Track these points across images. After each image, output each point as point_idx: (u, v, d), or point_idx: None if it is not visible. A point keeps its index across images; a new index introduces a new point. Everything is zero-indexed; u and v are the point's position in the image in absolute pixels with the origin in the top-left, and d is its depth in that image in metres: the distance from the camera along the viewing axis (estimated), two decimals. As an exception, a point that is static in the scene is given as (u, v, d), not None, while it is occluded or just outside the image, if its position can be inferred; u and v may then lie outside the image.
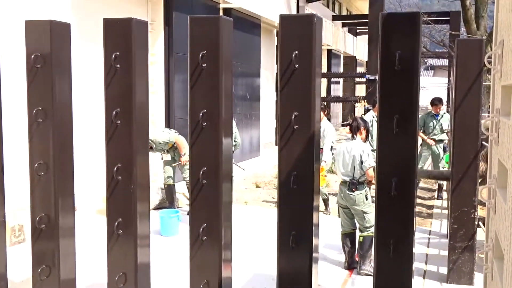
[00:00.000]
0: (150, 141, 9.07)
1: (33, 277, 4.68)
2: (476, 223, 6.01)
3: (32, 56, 4.41)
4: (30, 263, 4.73)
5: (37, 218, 4.56)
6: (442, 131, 11.06)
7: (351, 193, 6.33)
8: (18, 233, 7.05)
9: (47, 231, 4.59)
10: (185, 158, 9.00)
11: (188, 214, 4.18)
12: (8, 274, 5.05)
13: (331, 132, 9.57)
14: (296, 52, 3.90)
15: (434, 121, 11.36)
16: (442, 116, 11.21)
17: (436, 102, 11.48)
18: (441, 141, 11.09)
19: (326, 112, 9.88)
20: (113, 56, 4.22)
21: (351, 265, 6.53)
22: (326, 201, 9.56)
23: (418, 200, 10.62)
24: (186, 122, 4.31)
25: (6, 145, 4.93)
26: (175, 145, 9.23)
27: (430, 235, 8.04)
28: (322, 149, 9.15)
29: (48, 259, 4.61)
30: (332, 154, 8.92)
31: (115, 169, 4.33)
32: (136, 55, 4.25)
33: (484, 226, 5.01)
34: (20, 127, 5.25)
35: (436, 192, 11.42)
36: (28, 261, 4.77)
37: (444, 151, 11.00)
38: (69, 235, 4.72)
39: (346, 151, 6.43)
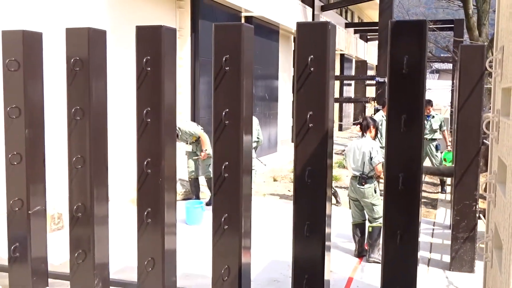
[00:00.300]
0: (177, 128, 9.12)
1: (70, 260, 4.74)
2: (477, 215, 5.97)
3: (72, 60, 4.46)
4: (68, 248, 4.78)
5: (75, 207, 4.61)
6: (433, 131, 10.87)
7: (361, 186, 6.31)
8: (57, 220, 7.12)
9: (83, 219, 4.64)
10: (208, 152, 9.04)
11: (206, 204, 4.19)
12: (48, 257, 5.12)
13: None
14: (312, 56, 3.90)
15: (425, 121, 11.22)
16: (433, 116, 11.05)
17: (425, 104, 11.29)
18: (433, 140, 10.90)
19: None
20: (144, 60, 4.25)
21: (361, 253, 6.50)
22: (335, 194, 9.49)
23: (424, 194, 10.55)
24: (210, 121, 4.32)
25: (47, 141, 4.99)
26: (198, 140, 9.24)
27: (434, 226, 7.98)
28: None
29: (84, 244, 4.66)
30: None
31: (145, 163, 4.36)
32: (165, 59, 4.28)
33: (485, 218, 4.97)
34: (60, 125, 5.31)
35: (440, 186, 11.33)
36: (66, 246, 4.82)
37: (437, 149, 10.84)
38: (103, 223, 4.76)
39: (356, 148, 6.40)
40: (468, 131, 5.77)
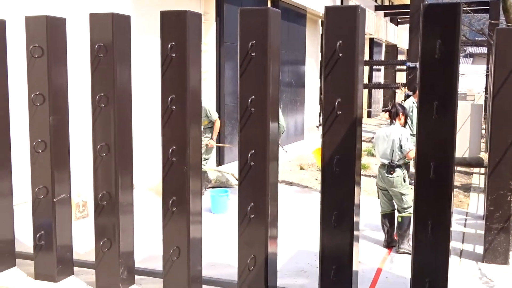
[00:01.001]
0: None
1: (95, 249, 4.81)
2: (512, 205, 5.89)
3: (96, 46, 4.51)
4: (93, 237, 4.86)
5: (99, 195, 4.68)
6: None
7: (389, 175, 6.27)
8: (82, 208, 7.23)
9: (108, 207, 4.71)
10: (212, 142, 9.03)
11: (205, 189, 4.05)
12: (73, 246, 5.22)
13: None
14: (340, 41, 3.87)
15: (415, 109, 10.99)
16: None
17: (416, 89, 10.99)
18: None
19: None
20: (169, 46, 4.27)
21: (390, 244, 6.48)
22: None
23: (455, 183, 10.44)
24: (235, 108, 4.34)
25: (71, 129, 5.06)
26: (207, 126, 9.06)
27: (467, 216, 7.90)
28: None
29: (109, 233, 4.73)
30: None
31: (170, 151, 4.40)
32: (190, 45, 4.29)
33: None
34: (84, 112, 5.38)
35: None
36: (91, 234, 4.90)
37: None
38: (128, 211, 4.83)
39: (385, 135, 6.35)
40: (504, 118, 5.67)
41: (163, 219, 4.54)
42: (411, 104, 9.91)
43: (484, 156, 7.92)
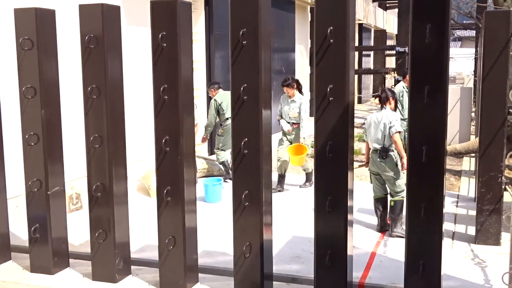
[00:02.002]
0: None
1: (91, 240, 4.83)
2: (503, 186, 5.95)
3: (86, 38, 4.50)
4: (87, 228, 4.87)
5: (93, 187, 4.69)
6: None
7: (382, 160, 6.31)
8: (76, 201, 7.23)
9: (102, 199, 4.72)
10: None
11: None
12: (68, 238, 5.23)
13: (307, 105, 8.83)
14: (331, 28, 3.88)
15: (406, 93, 10.86)
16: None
17: (406, 74, 10.77)
18: None
19: (296, 86, 8.81)
20: (160, 35, 4.26)
21: (383, 228, 6.53)
22: (309, 175, 8.89)
23: (446, 166, 10.49)
24: (228, 96, 4.33)
25: (63, 121, 5.05)
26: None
27: (458, 198, 7.97)
28: (298, 124, 8.56)
29: (104, 224, 4.75)
30: None
31: (163, 141, 4.40)
32: (181, 34, 4.29)
33: (511, 190, 4.96)
34: (76, 104, 5.37)
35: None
36: (85, 226, 4.91)
37: None
38: (122, 202, 4.84)
39: (376, 120, 6.38)
40: (493, 101, 5.72)
41: (158, 209, 4.56)
42: (401, 88, 9.94)
43: (475, 140, 7.95)
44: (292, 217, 7.06)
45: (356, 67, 24.99)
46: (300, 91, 8.78)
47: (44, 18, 4.76)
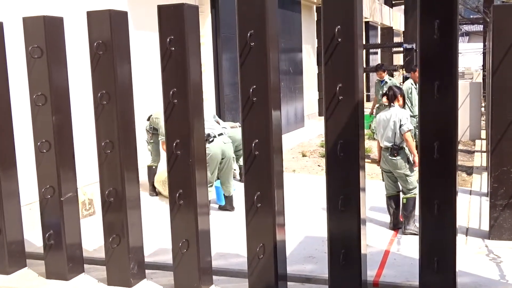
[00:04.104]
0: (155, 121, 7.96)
1: (105, 245, 4.84)
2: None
3: (95, 44, 4.52)
4: (100, 234, 4.89)
5: (106, 192, 4.71)
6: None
7: (393, 158, 6.29)
8: (88, 206, 7.26)
9: (115, 204, 4.73)
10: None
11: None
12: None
13: None
14: (339, 26, 3.88)
15: (378, 87, 11.09)
16: (387, 82, 10.86)
17: (377, 68, 11.13)
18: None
19: None
20: (168, 39, 4.28)
21: (396, 226, 6.51)
22: None
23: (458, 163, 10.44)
24: (235, 99, 4.36)
25: (74, 127, 5.08)
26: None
27: (471, 194, 7.93)
28: None
29: (118, 228, 4.76)
30: None
31: (174, 144, 4.41)
32: (189, 37, 4.30)
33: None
34: (87, 110, 5.40)
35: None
36: (99, 232, 4.92)
37: None
38: (135, 206, 4.86)
39: (386, 118, 6.37)
40: (505, 94, 5.69)
41: (171, 212, 4.57)
42: (409, 85, 9.92)
43: None
44: (304, 217, 7.05)
45: (364, 65, 24.95)
46: None
47: (52, 26, 4.79)
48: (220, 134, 7.29)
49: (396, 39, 30.90)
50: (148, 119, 8.21)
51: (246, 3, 4.12)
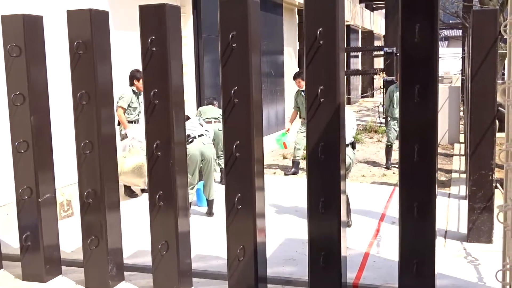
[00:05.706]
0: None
1: (83, 247, 4.79)
2: (494, 184, 5.97)
3: (75, 43, 4.47)
4: (79, 235, 4.83)
5: (85, 193, 4.65)
6: None
7: None
8: (67, 207, 7.18)
9: (94, 205, 4.68)
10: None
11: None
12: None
13: None
14: (321, 29, 3.88)
15: (302, 98, 10.01)
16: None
17: (295, 76, 10.28)
18: None
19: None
20: (149, 40, 4.25)
21: None
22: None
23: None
24: (216, 100, 4.33)
25: (53, 127, 5.02)
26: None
27: (449, 197, 8.00)
28: None
29: (96, 230, 4.71)
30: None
31: (154, 145, 4.38)
32: (171, 38, 4.28)
33: (502, 188, 4.98)
34: (66, 110, 5.33)
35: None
36: (77, 233, 4.87)
37: None
38: (114, 208, 4.81)
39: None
40: (483, 99, 5.75)
41: (150, 214, 4.53)
42: (393, 88, 9.99)
43: None
44: (285, 219, 7.04)
45: (345, 68, 25.07)
46: None
47: (32, 24, 4.73)
48: (200, 135, 7.25)
49: (377, 43, 31.14)
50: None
51: (228, 5, 4.11)
